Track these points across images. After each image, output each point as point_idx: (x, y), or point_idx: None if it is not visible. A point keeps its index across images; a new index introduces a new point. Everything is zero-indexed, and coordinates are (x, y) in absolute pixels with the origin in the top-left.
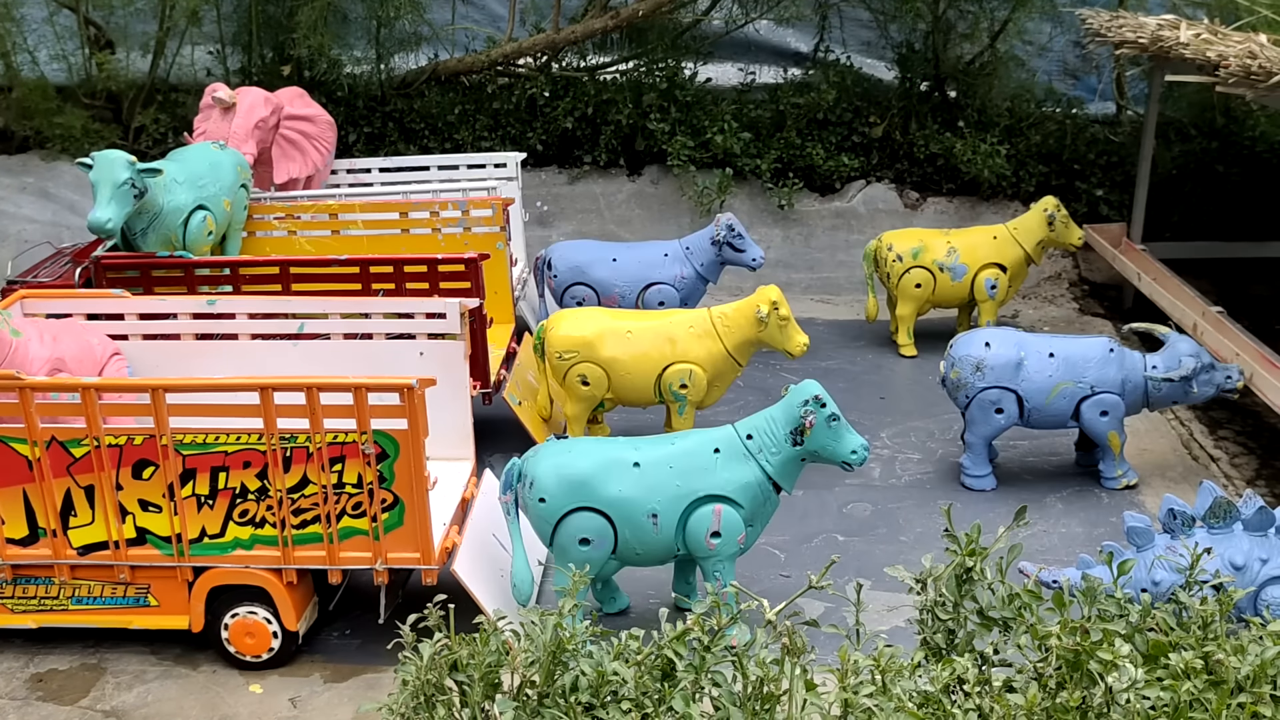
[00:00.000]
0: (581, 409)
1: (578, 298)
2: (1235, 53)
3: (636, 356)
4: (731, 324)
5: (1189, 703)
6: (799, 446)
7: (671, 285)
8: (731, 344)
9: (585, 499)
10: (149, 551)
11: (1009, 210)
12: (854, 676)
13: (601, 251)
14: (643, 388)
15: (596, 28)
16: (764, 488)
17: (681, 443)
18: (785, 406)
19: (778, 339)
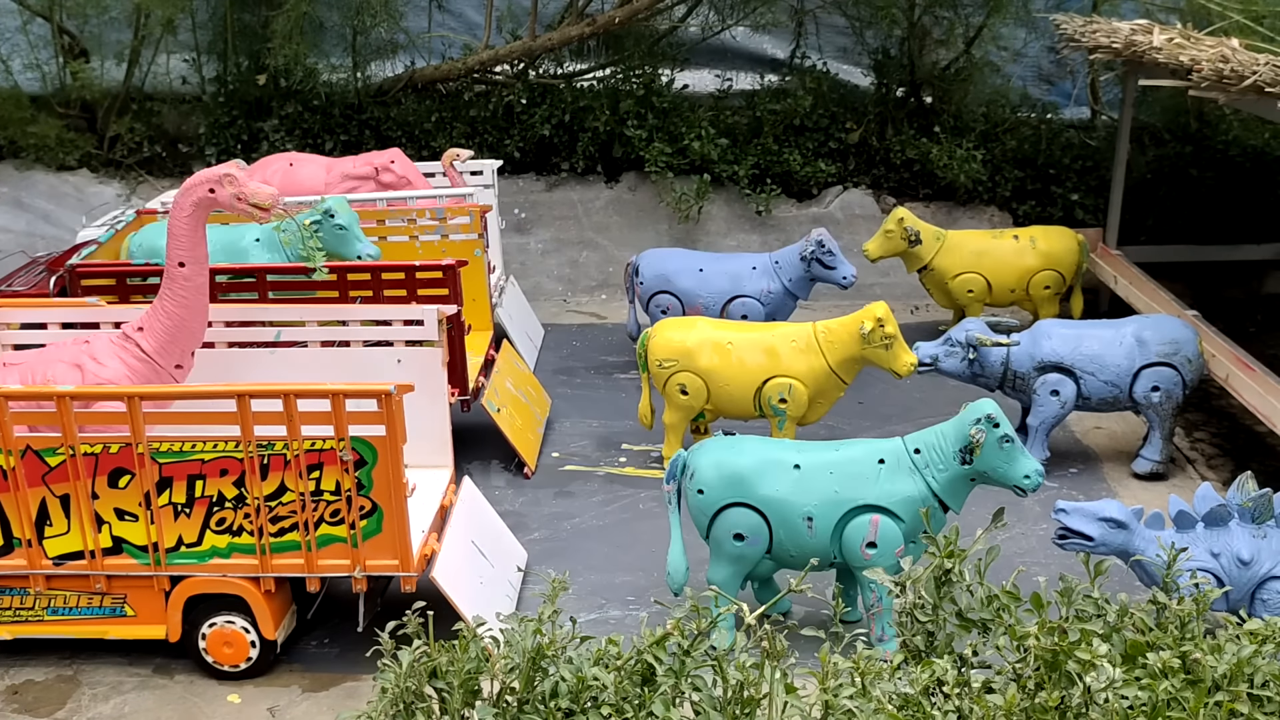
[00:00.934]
0: (680, 418)
1: (662, 306)
2: (1208, 57)
3: (735, 368)
4: (835, 339)
5: (1167, 702)
6: (967, 466)
7: (757, 299)
8: (834, 360)
9: (742, 495)
10: (125, 561)
11: (985, 215)
12: (834, 679)
13: (689, 261)
14: (741, 400)
15: (573, 35)
16: (927, 503)
17: (846, 450)
18: (957, 423)
19: (883, 358)
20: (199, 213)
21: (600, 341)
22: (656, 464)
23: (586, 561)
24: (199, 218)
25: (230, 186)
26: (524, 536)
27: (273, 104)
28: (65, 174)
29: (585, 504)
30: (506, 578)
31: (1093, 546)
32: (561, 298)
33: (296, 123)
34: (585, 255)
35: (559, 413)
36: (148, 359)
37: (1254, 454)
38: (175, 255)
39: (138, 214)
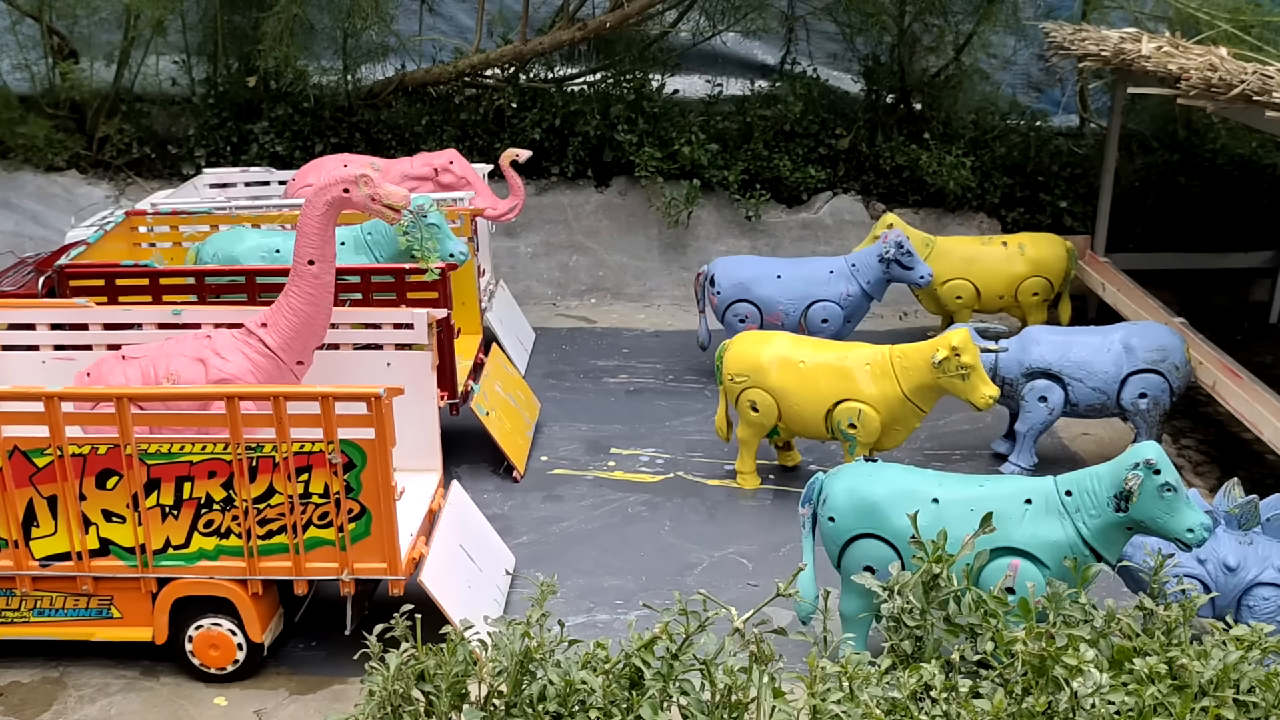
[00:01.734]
0: (752, 434)
1: (740, 315)
2: (1196, 65)
3: (806, 388)
4: (910, 365)
5: (1153, 707)
6: (1122, 513)
7: (836, 303)
8: (909, 386)
9: (874, 526)
10: (112, 562)
11: (974, 222)
12: (822, 683)
13: (765, 268)
14: (811, 421)
15: (564, 39)
16: (1076, 550)
17: (991, 486)
18: (1114, 466)
19: (958, 388)
20: (331, 212)
21: (590, 345)
22: (646, 468)
23: (575, 565)
24: (330, 217)
25: (366, 187)
26: (512, 540)
27: (263, 106)
28: (54, 175)
29: (574, 508)
30: (494, 581)
31: None
32: (551, 302)
33: (286, 125)
34: (575, 259)
35: (548, 416)
36: (271, 354)
37: (1240, 461)
38: (305, 253)
39: (127, 215)
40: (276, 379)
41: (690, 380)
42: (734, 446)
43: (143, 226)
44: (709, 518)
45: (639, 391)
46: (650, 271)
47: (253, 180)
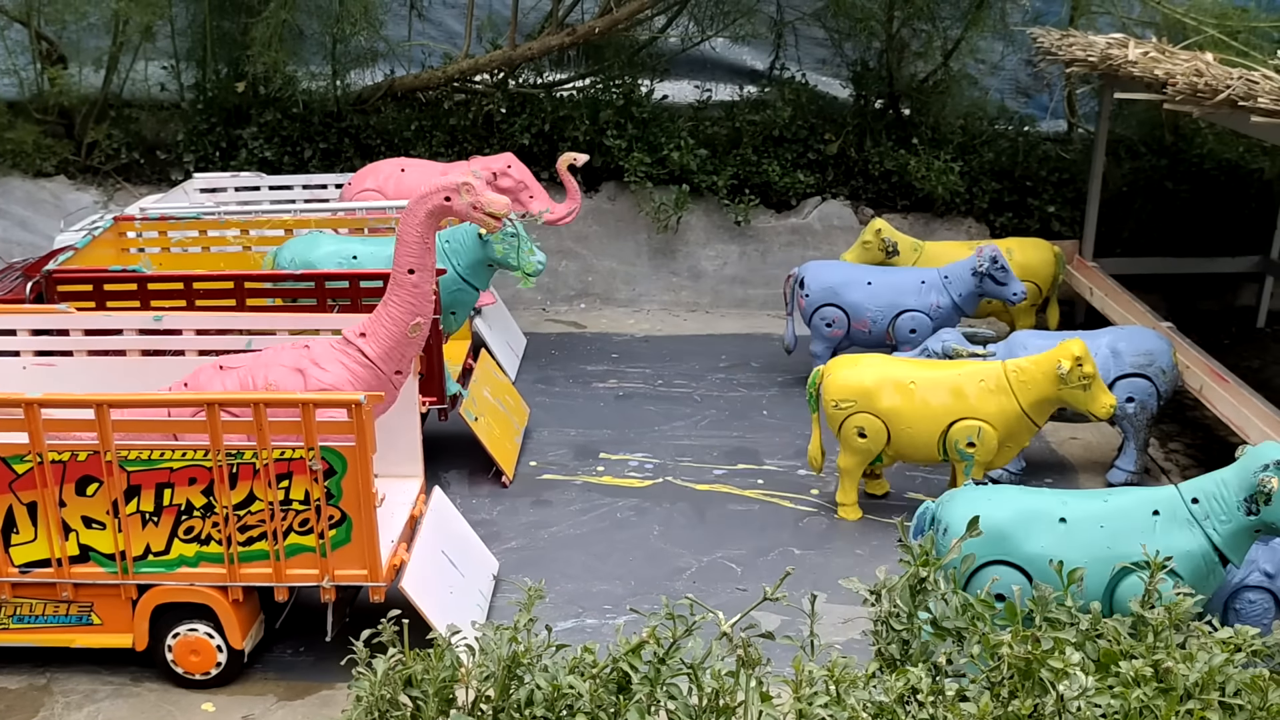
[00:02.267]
0: (856, 463)
1: (827, 319)
2: (1182, 71)
3: (919, 409)
4: (1028, 379)
5: (1139, 710)
6: (1254, 516)
7: (926, 313)
8: (1027, 401)
9: (1003, 552)
10: (92, 569)
11: (963, 226)
12: (808, 687)
13: (856, 273)
14: (925, 444)
15: (553, 45)
16: (1208, 559)
17: (1115, 500)
18: (1239, 469)
19: (1080, 399)
20: (431, 221)
21: (579, 351)
22: (635, 473)
23: (564, 570)
24: (431, 226)
25: (468, 195)
26: (501, 545)
27: (252, 111)
28: (42, 180)
29: (563, 513)
30: (477, 587)
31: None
32: (540, 307)
33: (275, 130)
34: (564, 265)
35: (537, 422)
36: (370, 364)
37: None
38: (405, 262)
39: (115, 220)
40: (375, 388)
41: (680, 385)
42: (729, 451)
43: (131, 232)
44: (698, 523)
45: (628, 397)
46: (639, 277)
47: (243, 185)
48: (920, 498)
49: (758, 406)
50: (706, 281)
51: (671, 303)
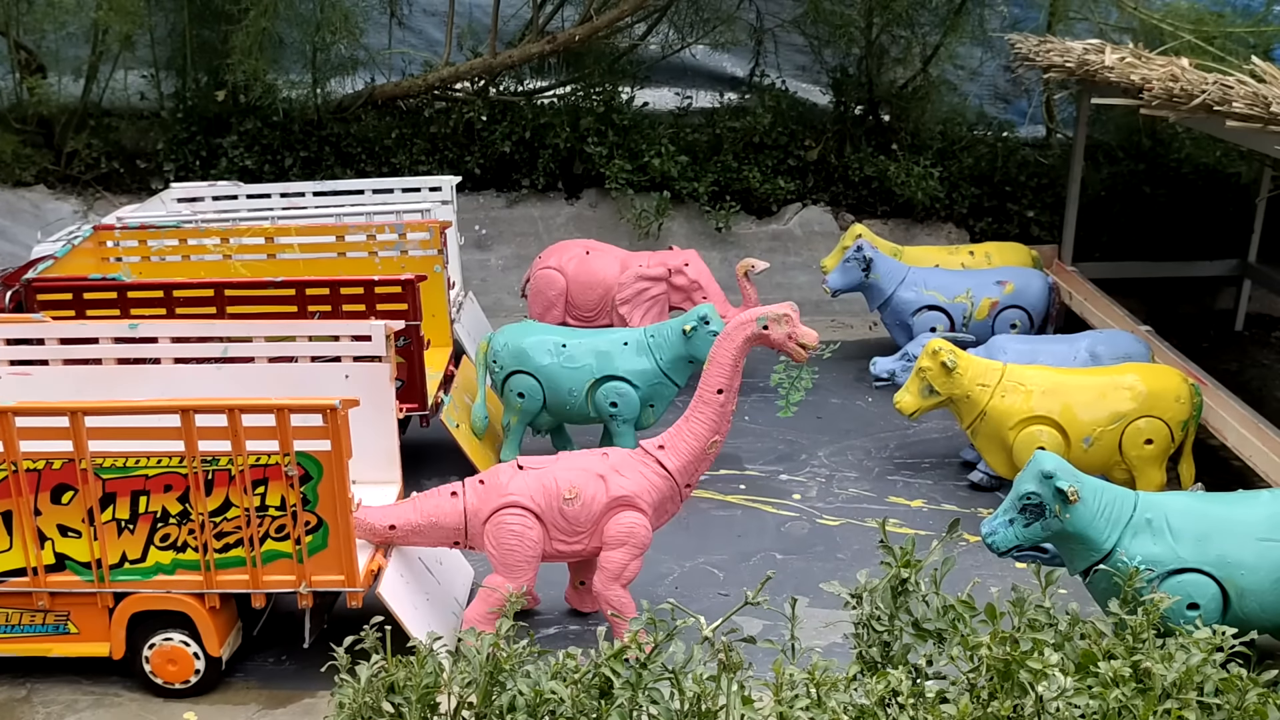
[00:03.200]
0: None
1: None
2: (1158, 76)
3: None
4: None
5: (1118, 710)
6: None
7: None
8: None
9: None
10: (68, 578)
11: (942, 232)
12: (789, 690)
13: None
14: None
15: (533, 52)
16: None
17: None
18: None
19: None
20: (747, 347)
21: None
22: None
23: (545, 576)
24: (745, 351)
25: (785, 326)
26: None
27: (232, 120)
28: (22, 190)
29: None
30: (453, 595)
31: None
32: (522, 314)
33: (256, 139)
34: None
35: None
36: (667, 475)
37: (1206, 466)
38: (715, 382)
39: (94, 229)
40: (669, 501)
41: None
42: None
43: (110, 241)
44: (680, 528)
45: None
46: None
47: (220, 195)
48: (901, 501)
49: (739, 412)
50: None
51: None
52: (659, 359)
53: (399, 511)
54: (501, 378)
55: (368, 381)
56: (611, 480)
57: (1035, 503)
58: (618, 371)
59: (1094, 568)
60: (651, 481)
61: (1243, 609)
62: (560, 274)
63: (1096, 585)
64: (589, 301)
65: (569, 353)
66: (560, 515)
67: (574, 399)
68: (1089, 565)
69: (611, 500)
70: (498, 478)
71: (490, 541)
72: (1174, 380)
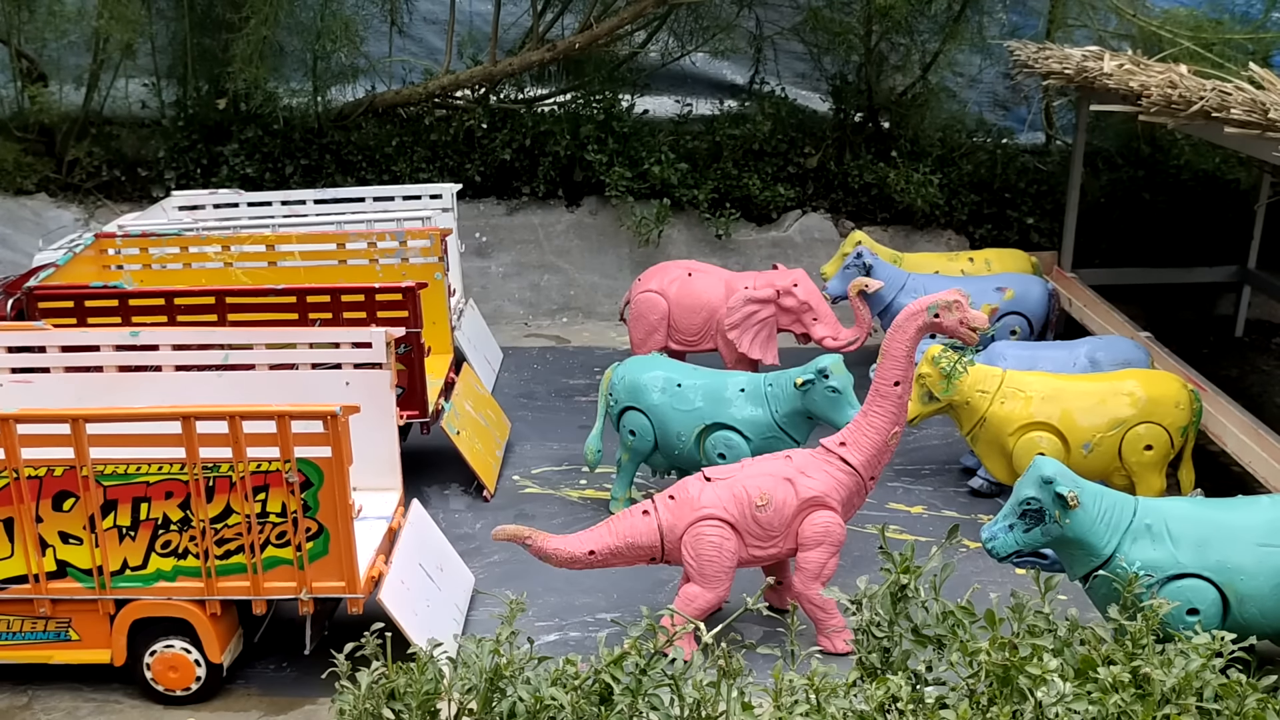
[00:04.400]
0: None
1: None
2: (1156, 83)
3: None
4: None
5: (1117, 715)
6: None
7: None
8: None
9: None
10: (70, 584)
11: (942, 238)
12: (789, 696)
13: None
14: None
15: (534, 60)
16: None
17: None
18: None
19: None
20: (919, 336)
21: (562, 365)
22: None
23: (546, 584)
24: (918, 341)
25: (956, 312)
26: (483, 560)
27: (232, 128)
28: (23, 198)
29: (545, 526)
30: (453, 601)
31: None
32: (523, 321)
33: (256, 147)
34: (546, 279)
35: (519, 435)
36: (853, 471)
37: (1206, 472)
38: (891, 375)
39: (96, 237)
40: (855, 495)
41: None
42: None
43: (111, 249)
44: None
45: None
46: (622, 290)
47: (221, 202)
48: (901, 508)
49: None
50: None
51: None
52: (774, 410)
53: (595, 536)
54: (616, 412)
55: (368, 388)
56: (800, 482)
57: (1035, 508)
58: (729, 420)
59: (1094, 573)
60: (838, 479)
61: (1242, 614)
62: (662, 297)
63: (1096, 591)
64: (692, 325)
65: (682, 393)
66: (754, 522)
67: (683, 444)
68: (1089, 571)
69: (802, 502)
70: (687, 491)
71: (688, 554)
72: (1173, 386)
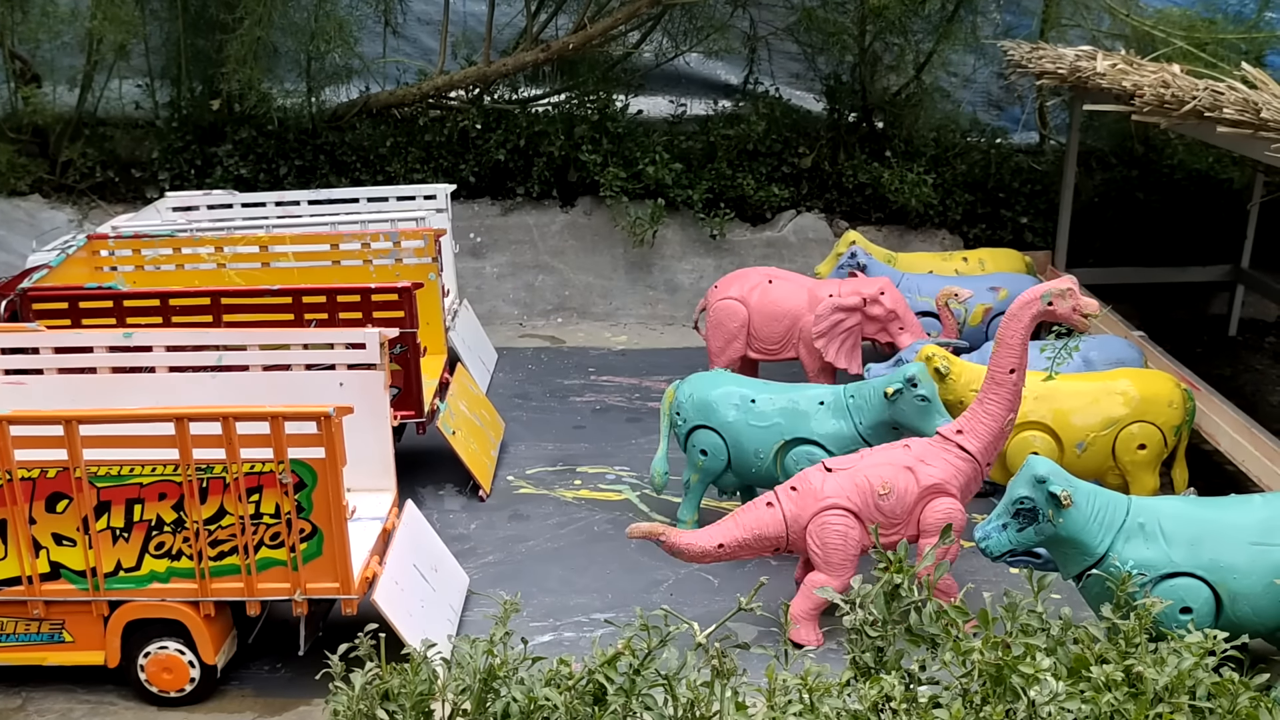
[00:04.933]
0: None
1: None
2: (1149, 82)
3: None
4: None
5: (1110, 714)
6: None
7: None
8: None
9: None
10: (63, 586)
11: (936, 238)
12: (782, 696)
13: None
14: None
15: (528, 60)
16: None
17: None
18: None
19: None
20: (1033, 324)
21: (556, 365)
22: (612, 486)
23: (541, 584)
24: (1032, 327)
25: (1070, 299)
26: (478, 560)
27: (227, 129)
28: (17, 199)
29: (540, 526)
30: (448, 601)
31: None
32: (518, 321)
33: (251, 147)
34: (541, 279)
35: (514, 436)
36: (970, 458)
37: (1199, 471)
38: (1007, 362)
39: (88, 239)
40: (973, 482)
41: (657, 398)
42: None
43: (104, 250)
44: None
45: (605, 410)
46: (616, 291)
47: (215, 203)
48: None
49: None
50: (683, 295)
51: (648, 316)
52: (858, 423)
53: (723, 530)
54: (685, 431)
55: (362, 389)
56: (920, 471)
57: (1029, 507)
58: (811, 435)
59: (1087, 572)
60: (957, 466)
61: (1235, 613)
62: (743, 304)
63: (1090, 590)
64: (774, 334)
65: (758, 409)
66: (877, 510)
67: (761, 461)
68: (1082, 570)
69: (923, 490)
70: (809, 482)
71: (814, 544)
72: (1167, 385)
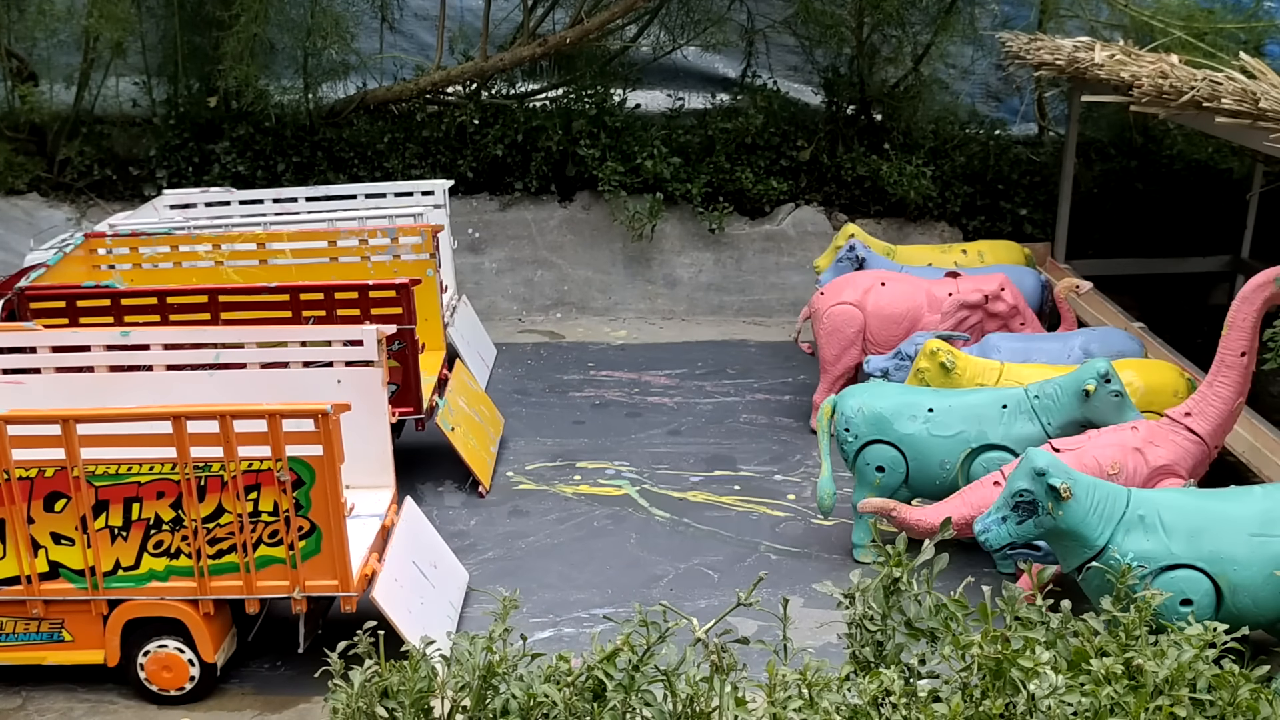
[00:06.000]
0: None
1: None
2: (1148, 73)
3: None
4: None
5: (1110, 707)
6: None
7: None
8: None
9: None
10: (62, 585)
11: (935, 230)
12: (782, 691)
13: None
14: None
15: (525, 55)
16: None
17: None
18: None
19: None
20: (1265, 306)
21: (555, 360)
22: (612, 482)
23: (541, 580)
24: (1264, 311)
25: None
26: (478, 556)
27: (224, 126)
28: (14, 198)
29: (540, 522)
30: (447, 598)
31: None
32: (516, 317)
33: (248, 144)
34: (540, 274)
35: (514, 432)
36: (1199, 441)
37: None
38: (1238, 345)
39: (86, 237)
40: (1200, 465)
41: (656, 393)
42: (706, 458)
43: (102, 249)
44: (675, 530)
45: (605, 405)
46: (615, 285)
47: (213, 200)
48: None
49: (734, 413)
50: (682, 289)
51: (647, 311)
52: (1046, 423)
53: (950, 507)
54: (856, 448)
55: (360, 386)
56: (1149, 452)
57: (1028, 500)
58: (998, 440)
59: (1087, 565)
60: (1185, 448)
61: (1235, 605)
62: (858, 309)
63: (1090, 582)
64: (893, 337)
65: (938, 418)
66: None
67: (946, 472)
68: (1082, 562)
69: (1153, 471)
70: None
71: None
72: (1170, 375)
